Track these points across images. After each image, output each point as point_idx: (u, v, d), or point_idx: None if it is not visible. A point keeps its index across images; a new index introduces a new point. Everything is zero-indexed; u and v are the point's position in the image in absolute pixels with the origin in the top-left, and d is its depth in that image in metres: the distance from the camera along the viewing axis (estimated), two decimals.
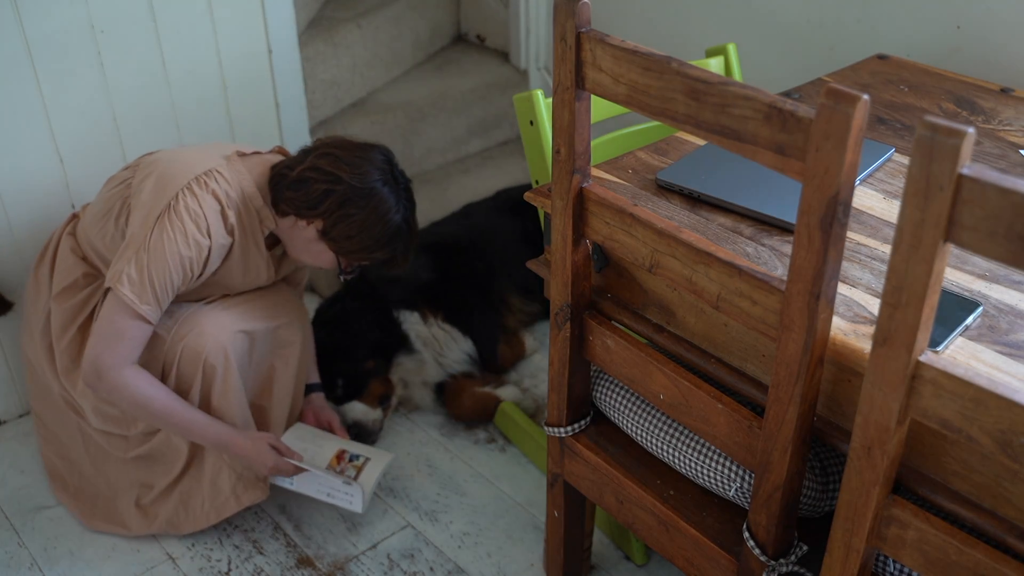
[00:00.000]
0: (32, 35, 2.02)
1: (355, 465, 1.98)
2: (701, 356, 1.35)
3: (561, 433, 1.60)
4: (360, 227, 1.76)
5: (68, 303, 1.87)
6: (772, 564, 1.30)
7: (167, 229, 1.70)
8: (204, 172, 1.75)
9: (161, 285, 1.71)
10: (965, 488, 1.11)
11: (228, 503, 1.93)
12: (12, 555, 1.95)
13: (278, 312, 1.95)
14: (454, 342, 2.37)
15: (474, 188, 3.02)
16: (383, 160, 1.80)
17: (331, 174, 1.74)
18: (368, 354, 2.26)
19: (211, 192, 1.74)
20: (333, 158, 1.76)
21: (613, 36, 1.19)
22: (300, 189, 1.76)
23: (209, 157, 1.79)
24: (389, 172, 1.79)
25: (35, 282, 1.96)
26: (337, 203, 1.74)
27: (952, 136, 0.84)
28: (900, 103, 1.80)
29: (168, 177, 1.74)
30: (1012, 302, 1.23)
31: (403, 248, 1.84)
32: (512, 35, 3.27)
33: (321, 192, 1.74)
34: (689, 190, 1.47)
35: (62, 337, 1.87)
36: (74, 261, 1.89)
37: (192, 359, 1.81)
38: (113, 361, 1.74)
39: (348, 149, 1.78)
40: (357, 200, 1.74)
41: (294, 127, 2.62)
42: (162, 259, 1.70)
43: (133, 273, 1.70)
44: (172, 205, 1.70)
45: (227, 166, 1.79)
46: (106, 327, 1.73)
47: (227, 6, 2.31)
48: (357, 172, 1.75)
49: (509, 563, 1.94)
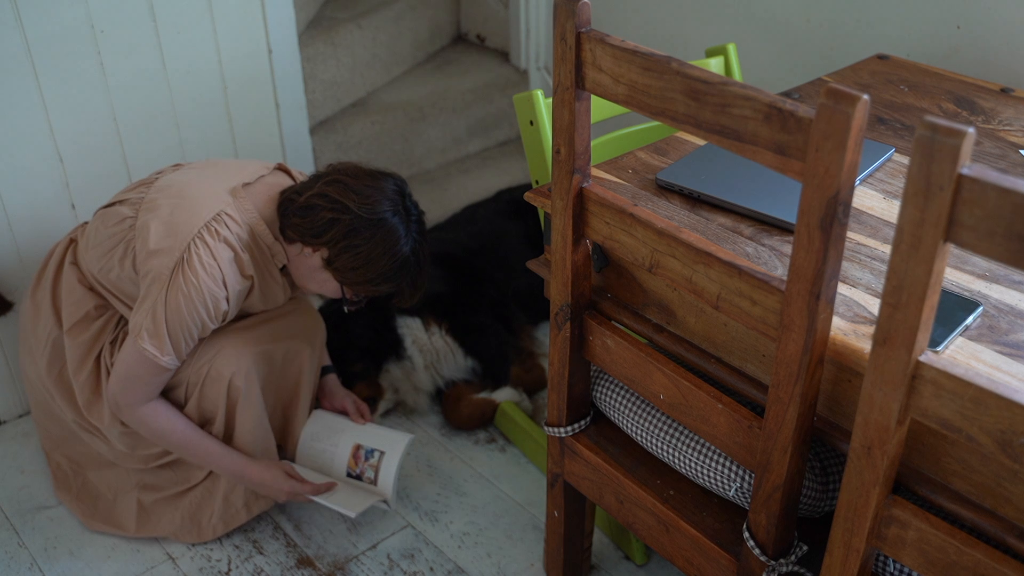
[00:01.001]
0: (32, 35, 2.02)
1: (371, 464, 1.99)
2: (701, 356, 1.35)
3: (561, 433, 1.60)
4: (365, 259, 1.70)
5: (82, 337, 1.85)
6: (772, 564, 1.30)
7: (182, 286, 1.66)
8: (213, 217, 1.69)
9: (181, 337, 1.71)
10: (965, 488, 1.11)
11: (238, 514, 1.95)
12: (12, 555, 1.95)
13: (294, 324, 1.95)
14: (452, 356, 2.35)
15: (474, 188, 3.02)
16: (395, 191, 1.73)
17: (338, 202, 1.68)
18: (356, 357, 2.26)
19: (223, 240, 1.69)
20: (342, 186, 1.70)
21: (613, 36, 1.19)
22: (306, 216, 1.70)
23: (214, 194, 1.73)
24: (400, 203, 1.73)
25: (33, 306, 1.93)
26: (342, 233, 1.69)
27: (952, 136, 0.84)
28: (900, 103, 1.80)
29: (176, 226, 1.68)
30: (1012, 302, 1.23)
31: (410, 282, 1.78)
32: (512, 35, 3.27)
33: (327, 220, 1.69)
34: (689, 190, 1.47)
35: (79, 372, 1.86)
36: (83, 293, 1.85)
37: (216, 382, 1.81)
38: (132, 400, 1.77)
39: (359, 177, 1.72)
40: (363, 231, 1.69)
41: (294, 127, 2.62)
42: (179, 314, 1.68)
43: (152, 327, 1.68)
44: (185, 258, 1.66)
45: (234, 204, 1.73)
46: (125, 371, 1.74)
47: (227, 6, 2.31)
48: (366, 202, 1.69)
49: (509, 563, 1.94)
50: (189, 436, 1.83)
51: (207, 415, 1.85)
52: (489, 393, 2.33)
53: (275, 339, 1.90)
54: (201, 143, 2.40)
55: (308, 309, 2.03)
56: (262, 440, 1.91)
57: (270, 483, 1.87)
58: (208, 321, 1.72)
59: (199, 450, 1.84)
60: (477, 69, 3.31)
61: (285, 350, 1.92)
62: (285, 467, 1.90)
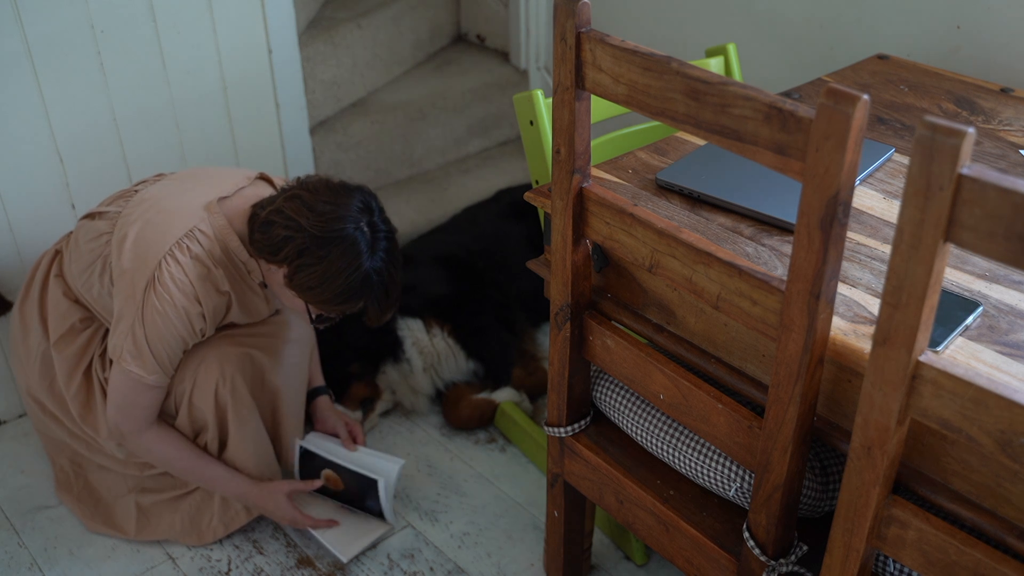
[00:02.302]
0: (32, 35, 2.02)
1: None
2: (701, 356, 1.35)
3: (561, 433, 1.60)
4: (321, 278, 1.62)
5: (69, 350, 1.85)
6: (772, 564, 1.30)
7: (155, 303, 1.65)
8: (185, 234, 1.67)
9: (164, 354, 1.70)
10: (965, 488, 1.11)
11: (238, 516, 1.95)
12: (12, 555, 1.95)
13: (282, 336, 1.95)
14: (454, 358, 2.34)
15: (474, 188, 3.02)
16: (359, 207, 1.64)
17: (292, 220, 1.61)
18: (353, 357, 2.26)
19: (194, 257, 1.67)
20: (299, 202, 1.63)
21: (613, 36, 1.19)
22: (266, 233, 1.65)
23: (189, 209, 1.70)
24: (365, 220, 1.64)
25: (22, 319, 1.93)
26: (296, 251, 1.62)
27: (952, 136, 0.84)
28: (900, 103, 1.80)
29: (147, 243, 1.66)
30: (1012, 302, 1.23)
31: (375, 301, 1.68)
32: (512, 35, 3.27)
33: (281, 238, 1.63)
34: (689, 190, 1.47)
35: (69, 385, 1.86)
36: (68, 306, 1.85)
37: (203, 391, 1.81)
38: (133, 426, 1.77)
39: (318, 192, 1.64)
40: (316, 250, 1.61)
41: (294, 127, 2.62)
42: (157, 331, 1.67)
43: (132, 348, 1.68)
44: (157, 276, 1.64)
45: (208, 219, 1.70)
46: (118, 398, 1.74)
47: (227, 6, 2.31)
48: (320, 219, 1.60)
49: (509, 563, 1.94)
50: (194, 462, 1.84)
51: (199, 424, 1.86)
52: (489, 393, 2.33)
53: (259, 344, 1.89)
54: (201, 143, 2.40)
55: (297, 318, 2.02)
56: (257, 444, 1.91)
57: (272, 509, 1.89)
58: (188, 336, 1.72)
59: (204, 474, 1.86)
60: (477, 69, 3.31)
61: (270, 350, 1.91)
62: (287, 491, 1.90)
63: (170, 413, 1.85)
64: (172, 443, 1.82)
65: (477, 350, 2.36)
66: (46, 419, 1.96)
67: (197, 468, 1.85)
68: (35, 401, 1.95)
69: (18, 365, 1.97)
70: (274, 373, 1.93)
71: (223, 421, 1.85)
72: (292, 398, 1.99)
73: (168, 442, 1.82)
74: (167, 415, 1.85)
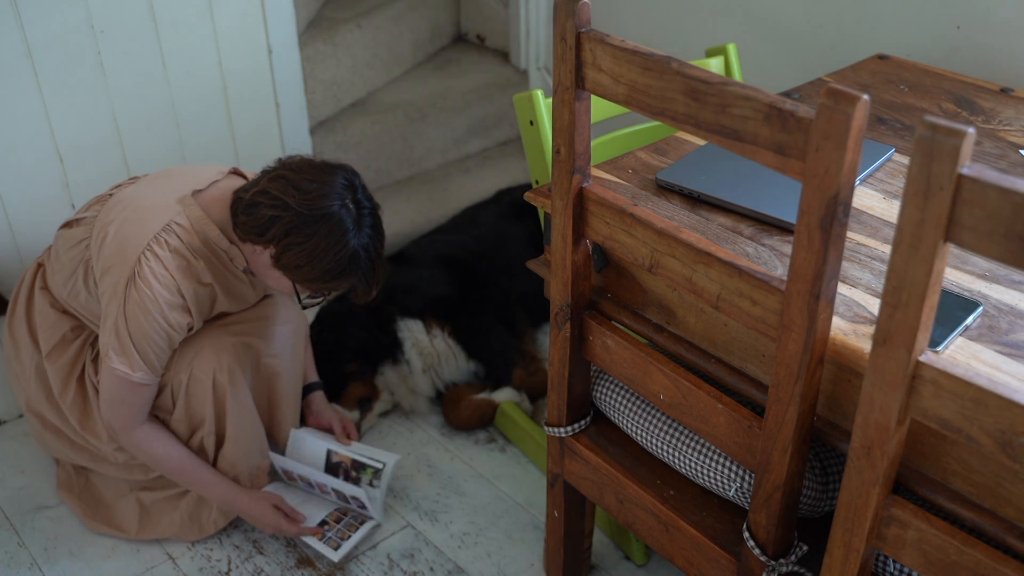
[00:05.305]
0: (32, 35, 2.02)
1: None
2: (701, 356, 1.35)
3: (561, 433, 1.60)
4: (309, 255, 1.63)
5: (61, 360, 1.86)
6: (772, 564, 1.30)
7: (137, 299, 1.66)
8: (162, 228, 1.67)
9: (149, 350, 1.70)
10: (965, 488, 1.11)
11: None
12: (12, 555, 1.95)
13: (274, 319, 1.95)
14: (454, 359, 2.34)
15: (474, 188, 3.02)
16: (343, 185, 1.66)
17: (278, 199, 1.62)
18: (351, 357, 2.26)
19: (173, 250, 1.68)
20: (284, 182, 1.64)
21: (613, 36, 1.19)
22: (251, 214, 1.65)
23: (164, 204, 1.71)
24: (350, 197, 1.66)
25: (11, 336, 1.94)
26: (283, 231, 1.63)
27: (952, 136, 0.84)
28: (900, 103, 1.80)
29: (125, 241, 1.67)
30: (1012, 302, 1.23)
31: (363, 278, 1.70)
32: (512, 35, 3.27)
33: (267, 218, 1.63)
34: (689, 190, 1.47)
35: (65, 395, 1.87)
36: (57, 317, 1.86)
37: (200, 382, 1.81)
38: (124, 424, 1.78)
39: (303, 171, 1.66)
40: (304, 228, 1.62)
41: (294, 127, 2.62)
42: (140, 327, 1.67)
43: (118, 346, 1.69)
44: (137, 272, 1.65)
45: (184, 212, 1.70)
46: (108, 395, 1.75)
47: (227, 6, 2.31)
48: (307, 198, 1.62)
49: (509, 563, 1.94)
50: (184, 463, 1.84)
51: (196, 417, 1.85)
52: (489, 393, 2.32)
53: (253, 331, 1.89)
54: (201, 143, 2.40)
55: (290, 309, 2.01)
56: (253, 435, 1.91)
57: (258, 517, 1.89)
58: (172, 331, 1.72)
59: (193, 477, 1.86)
60: (477, 69, 3.31)
61: (264, 333, 1.92)
62: (274, 499, 1.90)
63: (167, 408, 1.85)
64: (163, 443, 1.82)
65: (477, 350, 2.36)
66: (47, 433, 1.97)
67: (188, 470, 1.85)
68: (36, 415, 1.96)
69: (15, 382, 1.98)
70: (269, 355, 1.93)
71: (221, 412, 1.85)
72: (288, 380, 1.99)
73: (159, 441, 1.82)
74: (164, 410, 1.85)
